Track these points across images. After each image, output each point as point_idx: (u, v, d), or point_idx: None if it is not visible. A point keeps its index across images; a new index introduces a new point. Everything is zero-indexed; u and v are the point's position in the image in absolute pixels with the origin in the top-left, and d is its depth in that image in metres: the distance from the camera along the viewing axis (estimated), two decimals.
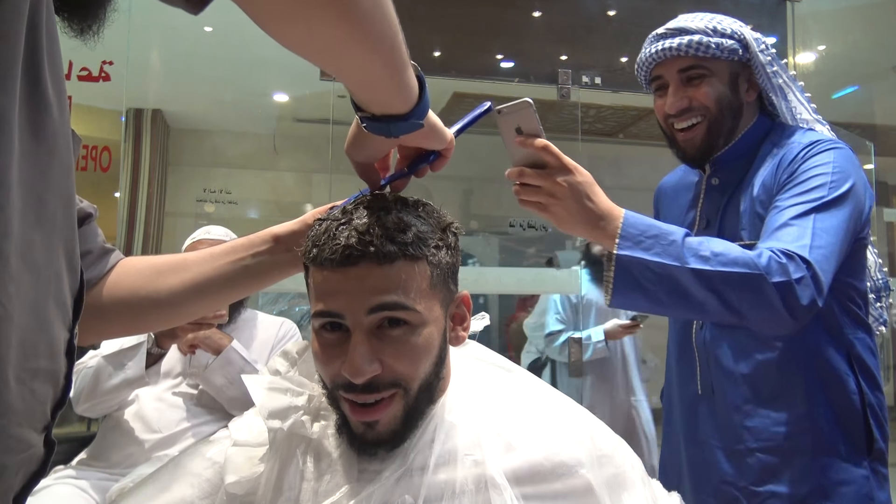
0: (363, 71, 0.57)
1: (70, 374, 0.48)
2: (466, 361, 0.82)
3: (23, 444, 0.43)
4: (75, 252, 0.49)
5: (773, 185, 1.16)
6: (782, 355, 1.16)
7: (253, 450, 0.75)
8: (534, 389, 0.81)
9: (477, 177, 4.40)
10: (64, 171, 0.46)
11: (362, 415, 0.68)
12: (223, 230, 1.94)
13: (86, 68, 2.56)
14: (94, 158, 2.62)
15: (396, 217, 0.68)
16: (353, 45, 0.52)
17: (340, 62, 0.55)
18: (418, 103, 0.63)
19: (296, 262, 0.79)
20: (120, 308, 0.77)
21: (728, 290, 0.97)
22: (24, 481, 0.44)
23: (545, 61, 2.94)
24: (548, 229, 3.74)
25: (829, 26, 3.64)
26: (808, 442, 1.13)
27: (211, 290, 0.80)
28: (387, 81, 0.59)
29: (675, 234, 1.01)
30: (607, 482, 0.73)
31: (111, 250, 0.80)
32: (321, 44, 0.51)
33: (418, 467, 0.70)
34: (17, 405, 0.41)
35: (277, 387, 0.76)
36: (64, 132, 0.46)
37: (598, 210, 1.00)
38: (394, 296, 0.67)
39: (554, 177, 0.99)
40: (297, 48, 0.51)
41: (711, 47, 1.19)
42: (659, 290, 0.99)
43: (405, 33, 0.56)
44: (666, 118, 1.28)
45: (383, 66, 0.56)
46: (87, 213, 0.76)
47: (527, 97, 0.96)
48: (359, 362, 0.66)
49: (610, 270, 1.00)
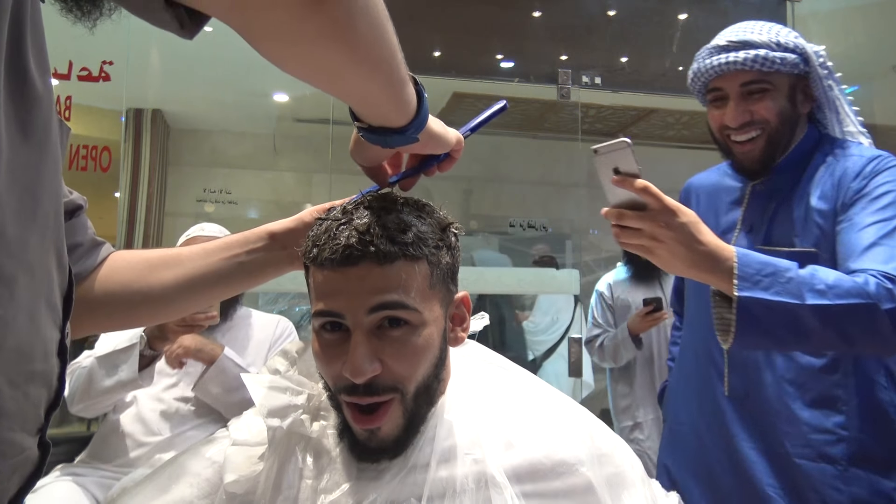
0: (360, 91, 0.57)
1: (63, 375, 0.48)
2: (465, 361, 0.82)
3: (16, 448, 0.42)
4: (63, 249, 0.49)
5: (837, 198, 1.16)
6: (829, 363, 1.16)
7: (252, 449, 0.75)
8: (533, 388, 0.82)
9: (477, 177, 4.40)
10: (54, 165, 0.46)
11: (364, 422, 0.68)
12: (218, 227, 1.92)
13: (86, 68, 2.56)
14: (94, 158, 2.62)
15: (397, 217, 0.68)
16: (349, 69, 0.51)
17: (336, 84, 0.54)
18: (416, 116, 0.63)
19: (291, 259, 0.79)
20: (111, 302, 0.76)
21: (847, 322, 0.96)
22: (19, 484, 0.44)
23: (545, 61, 2.94)
24: (548, 229, 3.74)
25: (829, 26, 3.64)
26: (845, 450, 1.13)
27: (204, 286, 0.79)
28: (384, 100, 0.59)
29: (791, 269, 0.99)
30: (607, 481, 0.73)
31: (101, 243, 0.78)
32: (316, 67, 0.51)
33: (419, 465, 0.70)
34: (11, 409, 0.41)
35: (277, 386, 0.76)
36: (53, 125, 0.45)
37: (707, 251, 0.96)
38: (394, 295, 0.67)
39: (655, 219, 0.95)
40: (291, 70, 0.50)
41: (776, 62, 1.19)
42: (781, 329, 0.97)
43: (405, 33, 0.56)
44: (722, 129, 1.27)
45: (381, 86, 0.56)
46: (77, 204, 0.74)
47: (624, 137, 0.93)
48: (359, 362, 0.66)
49: (731, 313, 0.97)
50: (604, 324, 2.75)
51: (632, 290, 2.74)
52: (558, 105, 3.01)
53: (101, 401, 1.68)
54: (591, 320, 2.82)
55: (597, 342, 2.72)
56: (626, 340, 2.61)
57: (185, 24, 0.45)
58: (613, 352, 2.65)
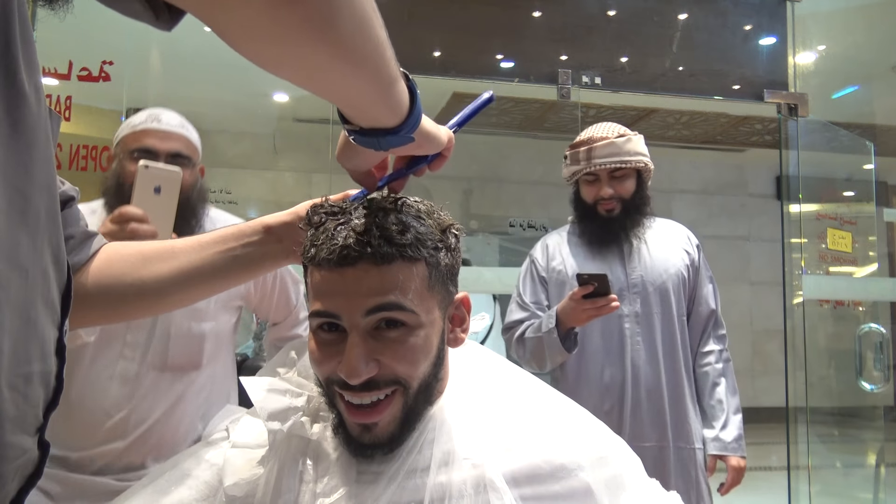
0: (346, 91, 0.55)
1: (61, 374, 0.48)
2: (465, 362, 0.82)
3: (17, 451, 0.42)
4: (61, 246, 0.48)
5: None
6: None
7: (252, 451, 0.75)
8: (532, 391, 0.81)
9: (477, 177, 4.40)
10: (45, 163, 0.45)
11: (360, 416, 0.68)
12: (177, 119, 1.53)
13: (86, 68, 2.56)
14: (94, 158, 2.62)
15: (395, 218, 0.68)
16: (333, 68, 0.49)
17: (320, 84, 0.52)
18: (409, 115, 0.60)
19: (287, 253, 0.79)
20: (104, 295, 0.75)
21: None
22: (19, 485, 0.44)
23: (545, 61, 2.94)
24: (547, 229, 3.74)
25: (829, 26, 3.64)
26: None
27: (199, 280, 0.78)
28: (374, 99, 0.56)
29: None
30: (606, 483, 0.72)
31: (93, 234, 0.77)
32: (297, 66, 0.49)
33: (418, 468, 0.69)
34: (11, 412, 0.41)
35: (276, 388, 0.76)
36: (42, 122, 0.45)
37: None
38: (391, 297, 0.66)
39: None
40: (274, 70, 0.49)
41: None
42: None
43: (405, 33, 0.55)
44: None
45: (367, 85, 0.53)
46: (69, 196, 0.73)
47: None
48: (355, 363, 0.66)
49: None
50: (531, 304, 1.88)
51: (579, 260, 1.87)
52: (558, 105, 3.01)
53: None
54: (514, 297, 1.93)
55: (516, 330, 1.86)
56: (550, 334, 1.71)
57: (162, 16, 0.43)
58: (535, 349, 1.78)
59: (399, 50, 0.55)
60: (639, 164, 1.83)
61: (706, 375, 1.84)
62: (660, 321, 1.81)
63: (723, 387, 1.82)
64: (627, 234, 1.85)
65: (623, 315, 1.79)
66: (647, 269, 1.83)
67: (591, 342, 1.80)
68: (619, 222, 1.84)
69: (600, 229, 1.84)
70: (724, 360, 1.85)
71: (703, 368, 1.85)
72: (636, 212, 1.86)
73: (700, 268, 1.89)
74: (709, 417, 1.82)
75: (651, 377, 1.78)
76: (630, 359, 1.78)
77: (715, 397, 1.82)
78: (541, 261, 1.92)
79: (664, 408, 1.77)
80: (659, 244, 1.88)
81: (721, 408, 1.80)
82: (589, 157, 1.82)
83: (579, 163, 1.84)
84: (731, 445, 1.77)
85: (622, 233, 1.85)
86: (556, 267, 1.88)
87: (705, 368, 1.85)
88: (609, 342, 1.80)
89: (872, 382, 3.37)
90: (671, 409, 1.78)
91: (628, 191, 1.84)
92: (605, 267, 1.81)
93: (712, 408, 1.82)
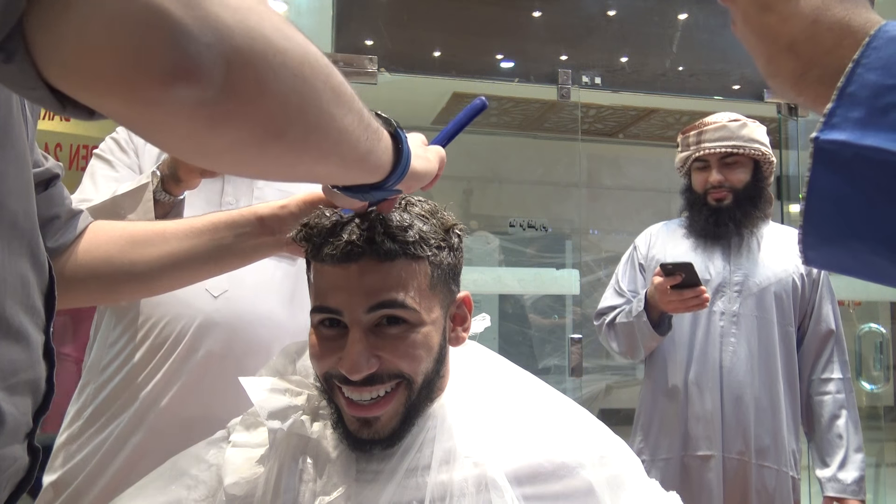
0: (312, 178, 0.51)
1: (51, 377, 0.47)
2: (466, 362, 0.82)
3: (8, 461, 0.42)
4: (39, 247, 0.47)
5: None
6: None
7: (252, 450, 0.75)
8: (533, 390, 0.81)
9: (477, 177, 4.40)
10: (18, 162, 0.42)
11: (361, 410, 0.68)
12: None
13: None
14: None
15: (399, 216, 0.69)
16: (292, 170, 0.44)
17: (278, 178, 0.48)
18: (396, 166, 0.55)
19: (278, 244, 0.79)
20: (91, 276, 0.73)
21: None
22: (10, 491, 0.44)
23: (545, 61, 2.94)
24: (547, 229, 3.74)
25: None
26: None
27: (189, 266, 0.78)
28: (345, 176, 0.53)
29: None
30: (608, 483, 0.73)
31: (79, 212, 0.74)
32: (252, 171, 0.46)
33: (419, 467, 0.69)
34: (5, 424, 0.41)
35: (276, 387, 0.76)
36: (16, 119, 0.42)
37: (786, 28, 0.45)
38: (393, 294, 0.67)
39: None
40: (222, 168, 0.45)
41: None
42: None
43: (405, 33, 0.54)
44: None
45: (337, 168, 0.48)
46: (53, 173, 0.67)
47: None
48: (356, 359, 0.66)
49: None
50: (627, 291, 1.80)
51: (680, 250, 1.75)
52: (558, 105, 3.01)
53: None
54: (612, 283, 1.86)
55: (608, 316, 1.79)
56: (640, 318, 1.66)
57: (68, 105, 0.33)
58: (626, 334, 1.72)
59: (399, 50, 0.54)
60: (754, 153, 1.65)
61: (825, 405, 1.65)
62: (758, 326, 1.65)
63: (843, 419, 1.63)
64: (738, 228, 1.68)
65: (720, 312, 1.67)
66: (753, 269, 1.67)
67: (681, 333, 1.69)
68: (728, 213, 1.67)
69: (707, 220, 1.69)
70: (846, 391, 1.66)
71: (822, 397, 1.67)
72: (750, 205, 1.68)
73: (821, 285, 1.71)
74: (824, 452, 1.64)
75: (739, 384, 1.63)
76: (719, 359, 1.64)
77: (834, 431, 1.63)
78: (642, 248, 1.83)
79: (748, 419, 1.62)
80: (772, 246, 1.71)
81: (840, 444, 1.62)
82: (699, 140, 1.68)
83: (689, 148, 1.71)
84: (850, 488, 1.58)
85: (731, 224, 1.68)
86: (654, 255, 1.78)
87: (825, 397, 1.66)
88: (699, 337, 1.68)
89: (872, 382, 3.37)
90: (757, 422, 1.62)
91: (741, 180, 1.67)
92: (706, 260, 1.69)
93: (830, 442, 1.63)
